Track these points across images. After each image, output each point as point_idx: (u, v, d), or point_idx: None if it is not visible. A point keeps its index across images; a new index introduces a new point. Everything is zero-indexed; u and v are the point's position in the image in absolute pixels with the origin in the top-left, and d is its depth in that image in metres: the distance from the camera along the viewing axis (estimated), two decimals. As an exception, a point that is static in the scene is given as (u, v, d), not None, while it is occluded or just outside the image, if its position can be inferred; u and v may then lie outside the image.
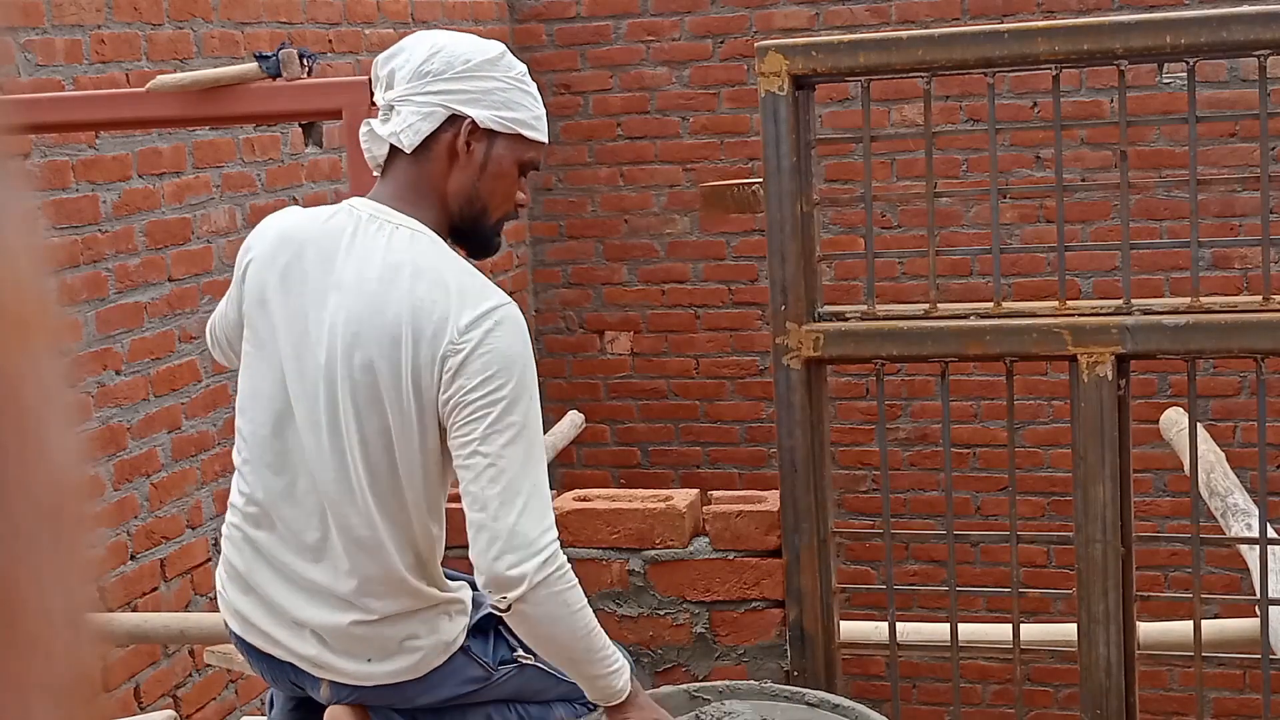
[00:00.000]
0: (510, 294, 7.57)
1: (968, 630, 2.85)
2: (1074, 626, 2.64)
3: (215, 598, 2.37)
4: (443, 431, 2.08)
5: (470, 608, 2.26)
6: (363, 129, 2.19)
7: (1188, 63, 2.44)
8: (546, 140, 2.21)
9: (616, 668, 2.14)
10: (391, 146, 2.14)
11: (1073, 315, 2.54)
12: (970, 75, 2.82)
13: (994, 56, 2.49)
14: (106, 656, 3.82)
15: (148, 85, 2.84)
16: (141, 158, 4.16)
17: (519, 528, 2.00)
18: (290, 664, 2.23)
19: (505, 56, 2.17)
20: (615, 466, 6.72)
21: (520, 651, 2.31)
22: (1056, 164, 2.61)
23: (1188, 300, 2.52)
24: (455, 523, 2.84)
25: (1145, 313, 2.51)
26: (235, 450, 2.25)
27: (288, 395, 2.13)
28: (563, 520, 2.82)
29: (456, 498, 2.88)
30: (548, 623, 2.05)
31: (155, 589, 4.15)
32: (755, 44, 2.68)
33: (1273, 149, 5.52)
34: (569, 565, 2.06)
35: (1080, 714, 2.63)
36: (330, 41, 5.17)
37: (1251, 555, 2.88)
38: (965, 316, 2.60)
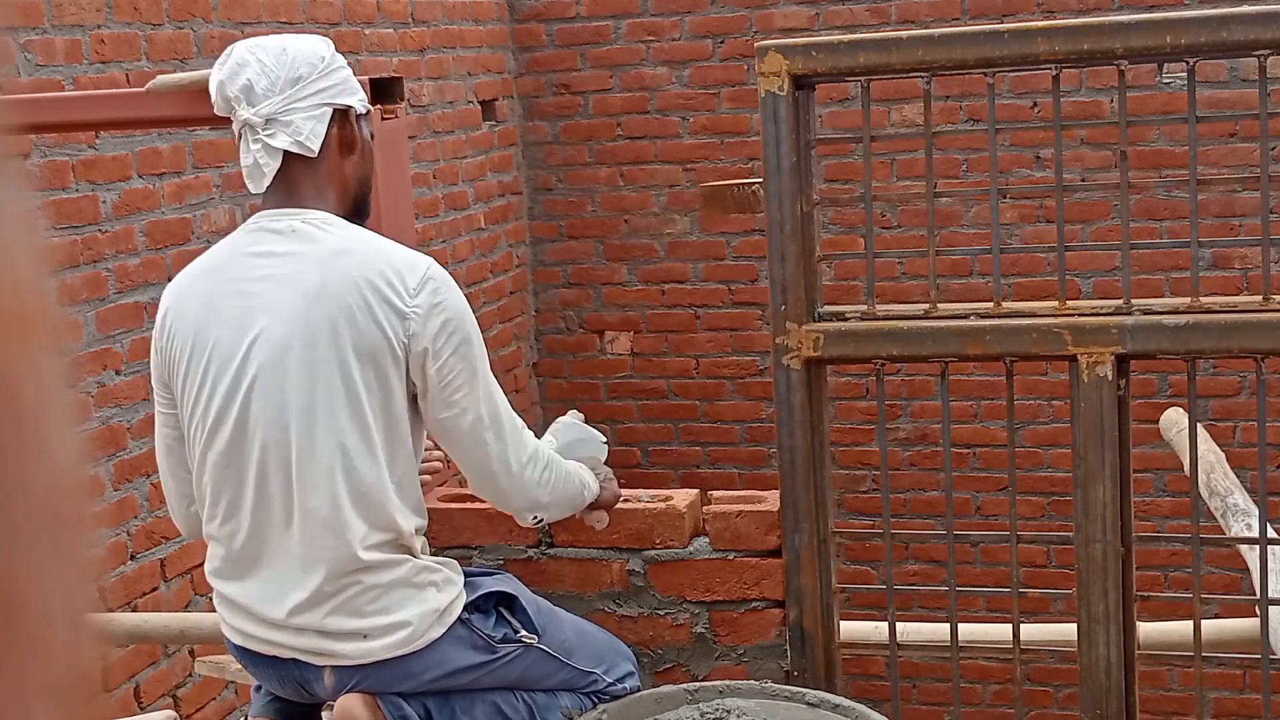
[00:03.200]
0: (510, 294, 7.49)
1: (968, 630, 2.85)
2: (1074, 626, 2.64)
3: (214, 598, 2.41)
4: (410, 390, 2.21)
5: (462, 584, 2.31)
6: (246, 156, 2.23)
7: (1188, 63, 2.44)
8: None
9: (597, 490, 2.60)
10: (284, 154, 2.21)
11: (1073, 315, 2.54)
12: (970, 75, 2.82)
13: (994, 56, 2.49)
14: (106, 656, 3.81)
15: (147, 85, 2.83)
16: (141, 158, 4.16)
17: (512, 471, 2.30)
18: (293, 660, 2.27)
19: (333, 45, 2.31)
20: (615, 466, 6.68)
21: (524, 632, 2.35)
22: (1056, 164, 2.61)
23: (1188, 300, 2.52)
24: (455, 523, 2.84)
25: (1145, 313, 2.51)
26: (194, 495, 2.36)
27: (236, 415, 2.20)
28: (563, 520, 2.82)
29: (452, 498, 2.88)
30: (563, 507, 2.49)
31: (155, 589, 4.15)
32: (755, 44, 2.68)
33: (1273, 149, 5.52)
34: (545, 457, 2.37)
35: (1080, 714, 2.63)
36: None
37: (1251, 555, 2.88)
38: (965, 316, 2.60)
